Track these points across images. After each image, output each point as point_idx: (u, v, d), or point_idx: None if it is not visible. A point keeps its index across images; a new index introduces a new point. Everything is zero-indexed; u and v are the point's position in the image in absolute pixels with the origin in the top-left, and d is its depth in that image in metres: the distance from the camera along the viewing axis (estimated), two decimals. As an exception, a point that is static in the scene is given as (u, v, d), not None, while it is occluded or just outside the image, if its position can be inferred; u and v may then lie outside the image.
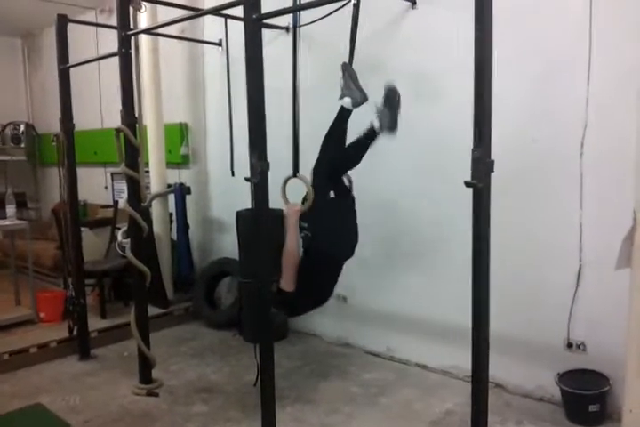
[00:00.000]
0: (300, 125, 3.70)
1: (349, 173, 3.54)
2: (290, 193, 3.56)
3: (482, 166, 2.19)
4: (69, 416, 3.49)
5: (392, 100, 3.34)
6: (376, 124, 3.35)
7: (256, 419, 3.10)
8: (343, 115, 3.38)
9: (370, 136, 3.39)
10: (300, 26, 3.28)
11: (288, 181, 3.55)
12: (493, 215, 2.30)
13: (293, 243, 3.33)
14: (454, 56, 3.60)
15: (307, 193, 3.40)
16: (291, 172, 3.62)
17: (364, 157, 3.46)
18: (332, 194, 3.51)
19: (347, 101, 3.35)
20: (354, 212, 3.56)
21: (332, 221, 3.44)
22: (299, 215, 3.35)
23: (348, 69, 3.38)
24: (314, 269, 3.38)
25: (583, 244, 3.33)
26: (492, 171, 2.25)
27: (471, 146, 2.19)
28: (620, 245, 2.73)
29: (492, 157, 2.24)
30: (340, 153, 3.45)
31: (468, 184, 2.22)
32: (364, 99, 3.36)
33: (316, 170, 3.43)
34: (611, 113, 3.19)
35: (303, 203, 3.41)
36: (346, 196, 3.55)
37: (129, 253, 3.75)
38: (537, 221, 3.51)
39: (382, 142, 3.89)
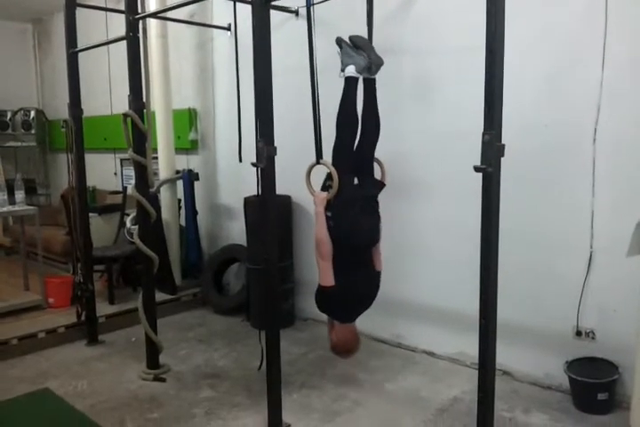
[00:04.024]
0: (308, 108, 3.63)
1: (381, 159, 3.47)
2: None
3: (492, 150, 2.16)
4: (76, 401, 3.51)
5: (358, 41, 3.29)
6: (351, 70, 3.26)
7: (262, 404, 3.13)
8: (350, 85, 3.27)
9: (351, 86, 3.27)
10: (314, 4, 3.23)
11: (312, 168, 3.34)
12: (503, 201, 2.28)
13: (322, 232, 3.17)
14: (467, 39, 3.54)
15: (325, 179, 3.29)
16: (303, 158, 3.39)
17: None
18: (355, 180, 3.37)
19: (350, 69, 3.25)
20: (376, 202, 3.41)
21: (352, 209, 3.25)
22: (325, 203, 3.19)
23: (343, 41, 3.32)
24: (340, 261, 3.20)
25: (594, 230, 3.29)
26: (503, 155, 2.21)
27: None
28: (632, 231, 2.70)
29: (503, 142, 2.21)
30: (355, 129, 3.35)
31: (477, 169, 2.19)
32: (378, 62, 3.31)
33: (335, 153, 3.29)
34: (625, 98, 3.13)
35: (323, 189, 3.28)
36: (372, 182, 3.44)
37: (137, 239, 3.75)
38: (547, 208, 3.46)
39: (396, 128, 3.87)
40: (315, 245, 3.22)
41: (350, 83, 3.29)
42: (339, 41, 3.33)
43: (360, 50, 3.29)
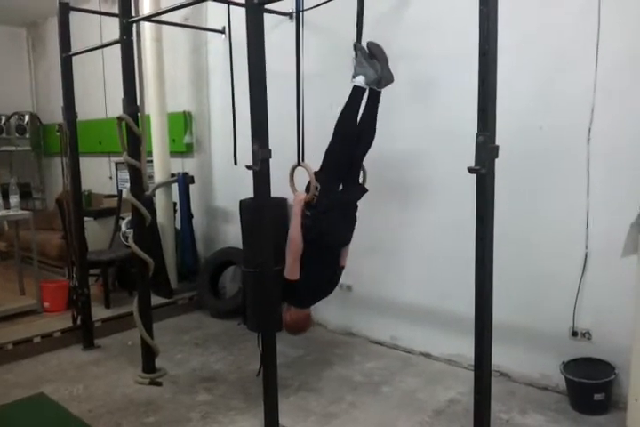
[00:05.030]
0: (305, 111, 3.65)
1: (377, 159, 3.49)
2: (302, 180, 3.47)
3: (486, 152, 2.16)
4: (72, 405, 3.50)
5: (375, 51, 3.30)
6: (360, 81, 3.29)
7: (259, 408, 3.10)
8: (356, 94, 3.31)
9: (357, 95, 3.30)
10: (304, 10, 3.22)
11: (295, 169, 3.40)
12: (498, 202, 2.27)
13: (296, 230, 3.26)
14: (461, 40, 3.54)
15: (309, 181, 3.35)
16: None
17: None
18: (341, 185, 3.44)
19: (359, 79, 3.30)
20: (355, 206, 3.50)
21: (332, 214, 3.35)
22: (303, 204, 3.28)
23: (360, 48, 3.34)
24: (310, 257, 3.31)
25: (589, 231, 3.29)
26: (497, 156, 2.21)
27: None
28: (627, 231, 2.70)
29: (497, 143, 2.21)
30: (352, 137, 3.38)
31: (471, 170, 2.18)
32: (388, 78, 3.32)
33: (327, 157, 3.36)
34: (619, 99, 3.14)
35: (307, 189, 3.34)
36: (355, 187, 3.50)
37: (132, 243, 3.74)
38: (543, 208, 3.47)
39: (391, 127, 3.87)
40: (287, 242, 3.31)
41: (357, 92, 3.33)
42: (355, 47, 3.36)
43: (374, 60, 3.32)
